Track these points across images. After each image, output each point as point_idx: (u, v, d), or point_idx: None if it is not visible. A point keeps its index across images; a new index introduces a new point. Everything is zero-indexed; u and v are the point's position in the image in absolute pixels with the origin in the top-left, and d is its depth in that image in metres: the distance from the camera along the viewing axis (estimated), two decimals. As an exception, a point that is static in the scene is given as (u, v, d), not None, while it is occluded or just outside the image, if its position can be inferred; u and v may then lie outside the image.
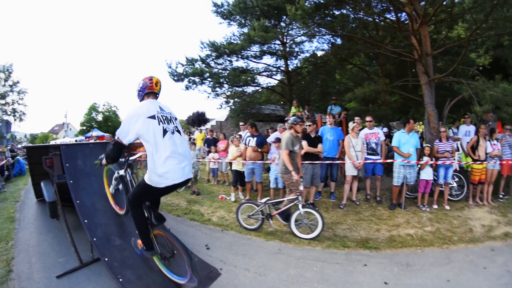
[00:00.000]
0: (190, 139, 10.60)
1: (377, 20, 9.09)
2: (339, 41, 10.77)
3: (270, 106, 16.21)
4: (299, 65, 13.20)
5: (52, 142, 27.01)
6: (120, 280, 3.12)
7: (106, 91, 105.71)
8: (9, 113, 27.09)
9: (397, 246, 4.31)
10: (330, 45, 11.57)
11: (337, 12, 8.96)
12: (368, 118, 6.39)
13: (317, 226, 4.46)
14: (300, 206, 4.53)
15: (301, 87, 13.20)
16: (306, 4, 7.40)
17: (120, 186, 3.56)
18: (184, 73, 11.81)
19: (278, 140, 6.02)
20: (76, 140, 20.59)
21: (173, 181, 2.43)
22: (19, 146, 18.63)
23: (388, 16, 9.36)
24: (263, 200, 4.89)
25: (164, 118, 2.49)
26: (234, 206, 6.07)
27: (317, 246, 4.33)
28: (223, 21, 12.40)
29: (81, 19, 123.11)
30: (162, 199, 6.77)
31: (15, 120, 27.04)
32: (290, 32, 11.75)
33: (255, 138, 6.26)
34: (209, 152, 8.07)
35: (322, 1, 8.17)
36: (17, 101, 27.54)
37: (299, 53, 12.57)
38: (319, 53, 12.34)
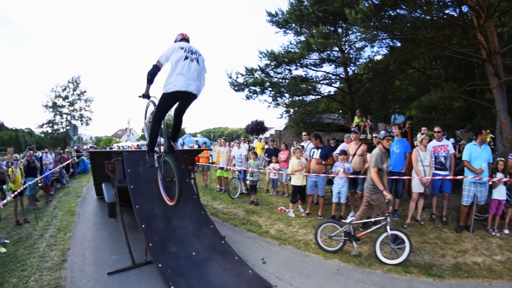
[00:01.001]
0: (249, 147, 10.34)
1: (435, 18, 8.14)
2: (398, 44, 9.99)
3: (330, 115, 15.46)
4: (357, 71, 12.52)
5: (115, 145, 29.93)
6: (172, 287, 3.04)
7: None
8: (76, 118, 30.70)
9: (463, 275, 3.87)
10: (389, 49, 10.82)
11: (392, 13, 8.30)
12: (436, 129, 5.68)
13: (403, 251, 4.01)
14: (388, 228, 4.10)
15: (362, 95, 12.39)
16: (365, 6, 6.95)
17: None
18: (245, 83, 11.80)
19: (343, 152, 5.67)
20: (138, 145, 22.52)
21: (177, 88, 3.11)
22: (85, 147, 20.81)
23: (447, 12, 8.30)
24: (348, 220, 4.50)
25: (189, 50, 3.25)
26: (293, 220, 5.82)
27: (377, 269, 3.97)
28: (279, 30, 12.25)
29: (143, 31, 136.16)
30: (219, 207, 6.86)
31: (81, 124, 30.39)
32: (348, 37, 11.15)
33: (319, 150, 5.90)
34: (269, 162, 7.84)
35: (377, 2, 7.63)
36: (84, 108, 31.23)
37: (358, 59, 11.90)
38: (378, 58, 11.52)
